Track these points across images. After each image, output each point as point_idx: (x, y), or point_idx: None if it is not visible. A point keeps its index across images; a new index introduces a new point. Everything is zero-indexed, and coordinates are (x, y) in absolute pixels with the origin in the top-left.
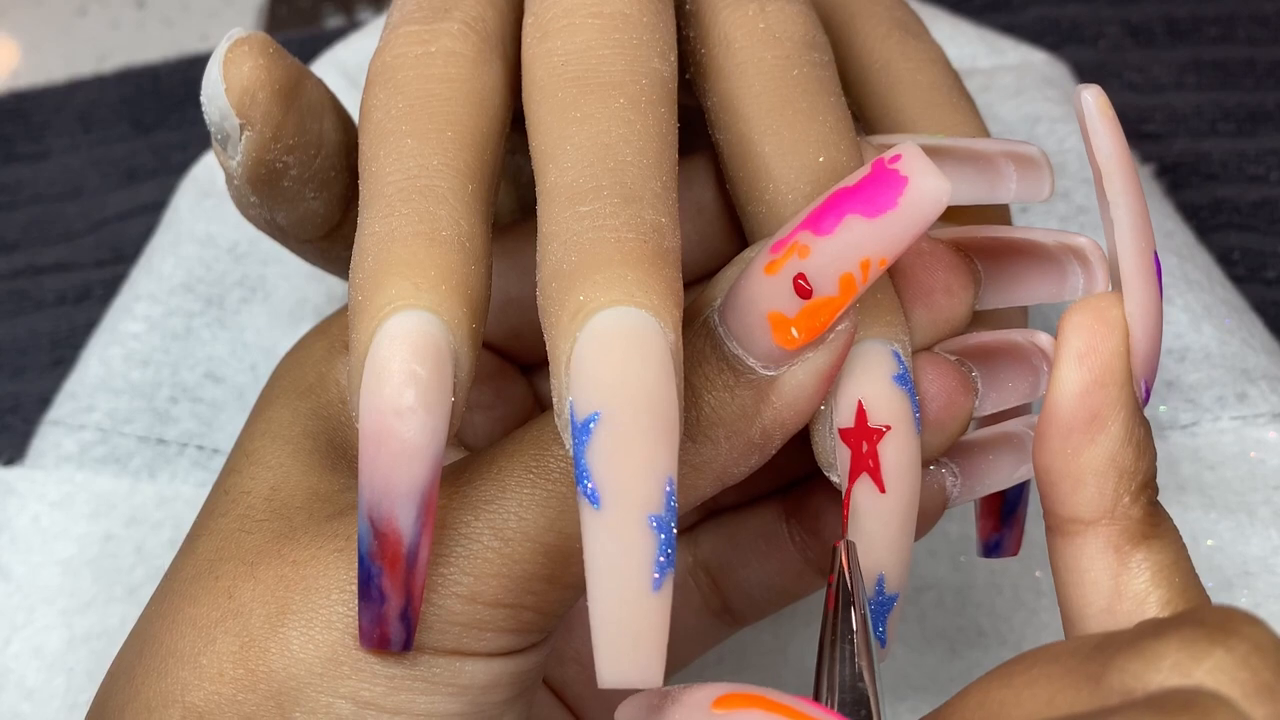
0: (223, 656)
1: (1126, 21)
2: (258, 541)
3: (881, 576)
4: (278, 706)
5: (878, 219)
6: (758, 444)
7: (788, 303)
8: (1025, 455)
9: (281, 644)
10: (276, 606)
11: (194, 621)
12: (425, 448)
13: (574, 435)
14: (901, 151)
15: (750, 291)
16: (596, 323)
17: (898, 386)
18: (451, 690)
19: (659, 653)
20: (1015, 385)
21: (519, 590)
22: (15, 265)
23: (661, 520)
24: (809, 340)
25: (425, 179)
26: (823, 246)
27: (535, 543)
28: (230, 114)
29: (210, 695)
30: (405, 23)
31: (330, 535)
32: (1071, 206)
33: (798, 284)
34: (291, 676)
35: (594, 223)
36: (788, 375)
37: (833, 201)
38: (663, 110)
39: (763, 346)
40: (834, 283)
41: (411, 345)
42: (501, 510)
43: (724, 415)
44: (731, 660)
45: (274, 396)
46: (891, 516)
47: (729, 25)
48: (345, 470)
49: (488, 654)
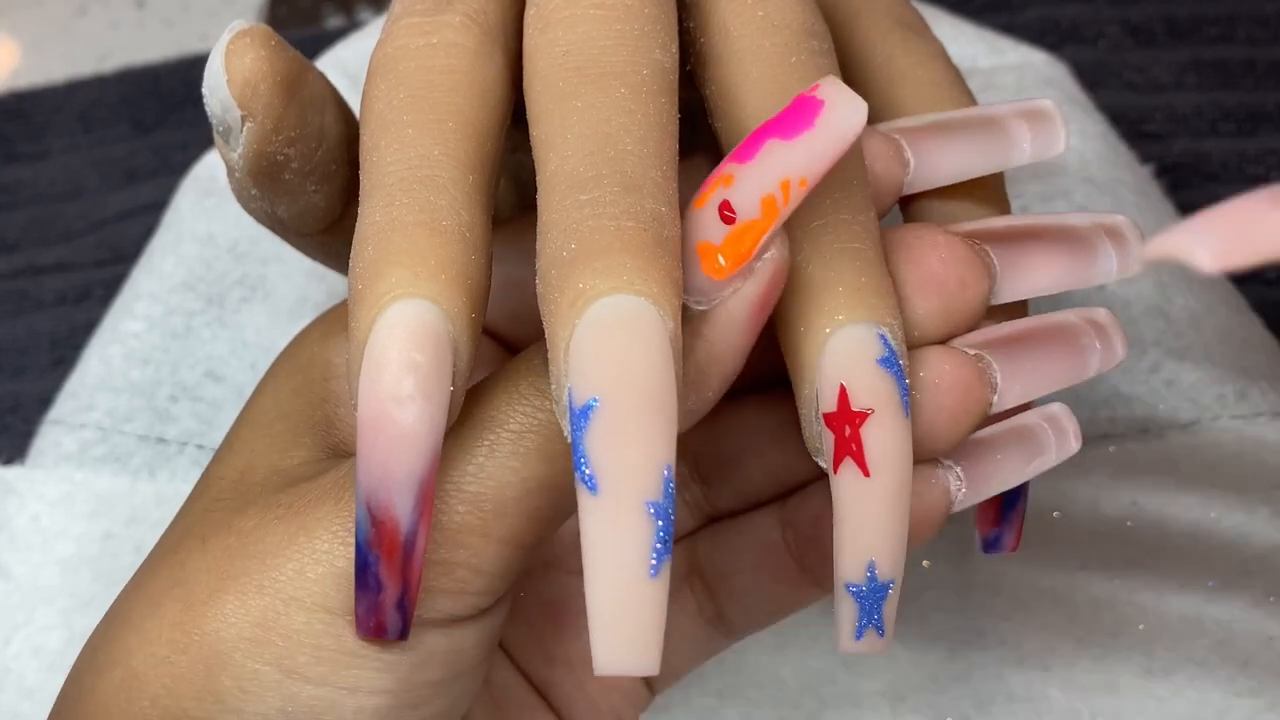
0: (164, 622)
1: (1126, 21)
2: (216, 518)
3: (873, 562)
4: (206, 670)
5: (795, 139)
6: (694, 382)
7: (714, 231)
8: (1036, 450)
9: (217, 609)
10: (219, 574)
11: (148, 592)
12: (423, 436)
13: (572, 422)
14: (820, 81)
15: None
16: (595, 310)
17: (882, 369)
18: (377, 665)
19: (656, 639)
20: (1049, 370)
21: (448, 543)
22: (15, 265)
23: (659, 507)
24: (736, 268)
25: (426, 169)
26: (745, 173)
27: (461, 492)
28: (232, 106)
29: (148, 657)
30: (407, 14)
31: (275, 505)
32: (1071, 206)
33: (723, 212)
34: (222, 640)
35: (594, 211)
36: (718, 306)
37: (756, 133)
38: (663, 100)
39: (694, 279)
40: (756, 205)
41: (411, 333)
42: None
43: None
44: (732, 660)
45: (263, 384)
46: (879, 500)
47: (728, 13)
48: (309, 444)
49: (420, 621)
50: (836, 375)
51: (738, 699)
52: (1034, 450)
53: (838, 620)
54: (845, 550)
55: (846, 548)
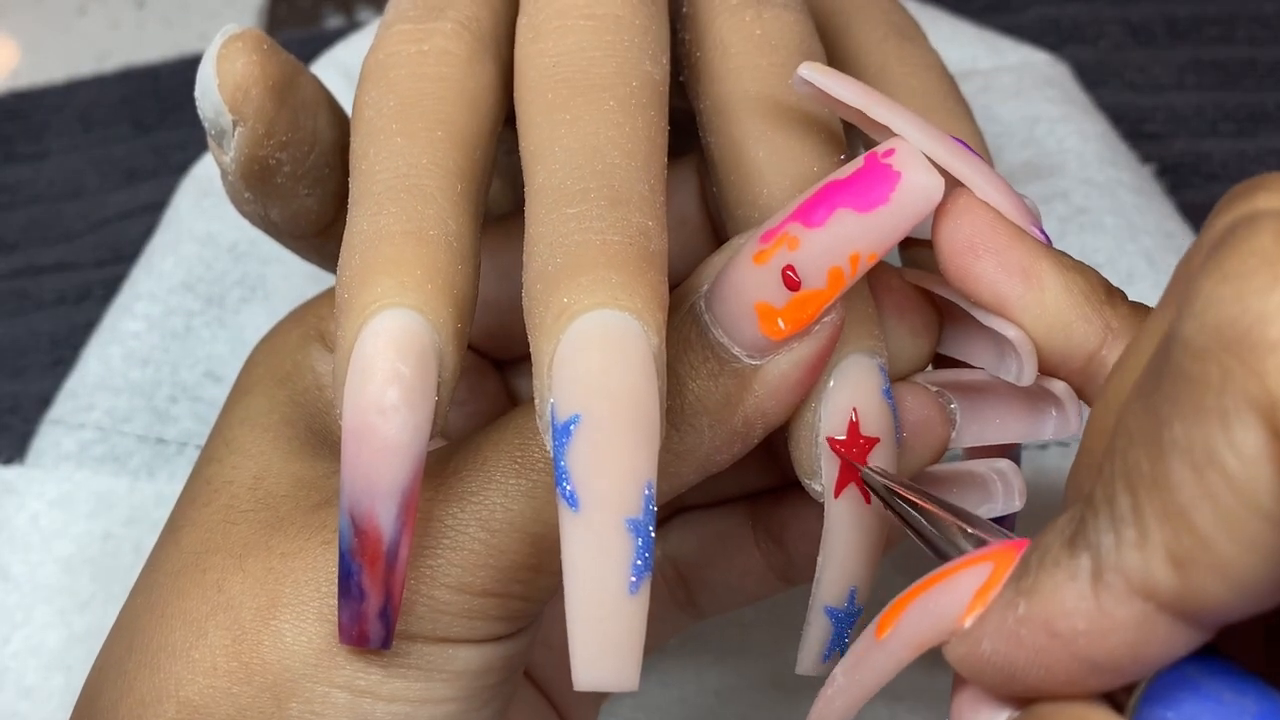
0: (215, 650)
1: (1127, 21)
2: (244, 533)
3: (854, 589)
4: (274, 698)
5: (869, 213)
6: (740, 432)
7: (775, 294)
8: (985, 496)
9: (274, 636)
10: (267, 599)
11: (184, 615)
12: (407, 446)
13: (554, 437)
14: (895, 146)
15: (738, 281)
16: (580, 325)
17: (885, 400)
18: (444, 677)
19: (635, 656)
20: (1005, 422)
21: (506, 579)
22: (15, 265)
23: (639, 524)
24: (795, 331)
25: (414, 178)
26: (813, 239)
27: (521, 533)
28: (223, 109)
29: (205, 689)
30: (399, 21)
31: (318, 526)
32: (1070, 207)
33: (786, 275)
34: (286, 668)
35: (580, 225)
36: (771, 365)
37: (824, 194)
38: (652, 113)
39: (749, 336)
40: (823, 276)
41: (396, 343)
42: (487, 502)
43: (708, 403)
44: (732, 660)
45: (250, 385)
46: (873, 528)
47: (725, 30)
48: (328, 455)
49: (478, 640)
50: (848, 402)
51: (737, 699)
52: (983, 495)
53: (808, 641)
54: (832, 576)
55: (834, 573)
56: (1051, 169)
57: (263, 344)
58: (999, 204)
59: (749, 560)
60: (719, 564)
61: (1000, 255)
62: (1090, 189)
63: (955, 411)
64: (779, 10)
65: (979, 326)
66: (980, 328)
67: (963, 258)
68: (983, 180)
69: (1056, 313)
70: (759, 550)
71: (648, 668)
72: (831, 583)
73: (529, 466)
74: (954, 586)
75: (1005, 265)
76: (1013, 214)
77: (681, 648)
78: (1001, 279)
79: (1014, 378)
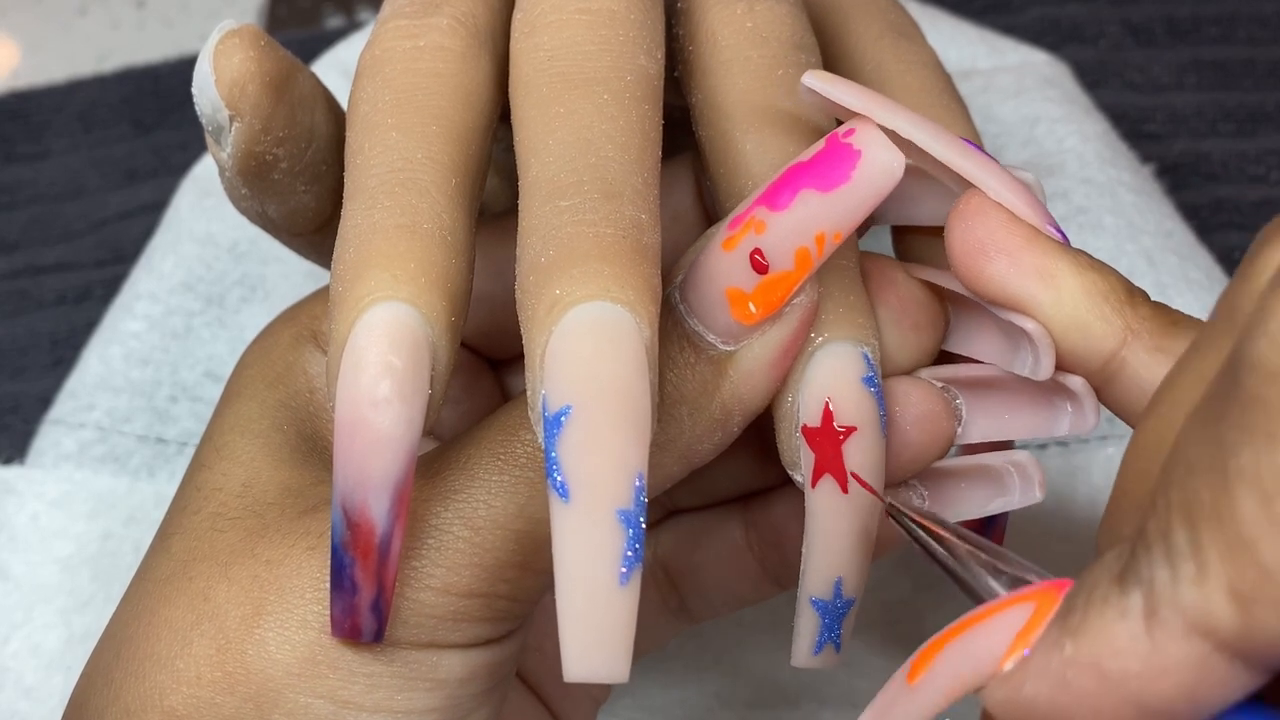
0: (200, 659)
1: (1126, 21)
2: (231, 540)
3: (840, 580)
4: (256, 708)
5: (831, 193)
6: (719, 420)
7: (745, 278)
8: (999, 489)
9: (258, 645)
10: (252, 607)
11: (170, 624)
12: (400, 439)
13: (545, 428)
14: (855, 125)
15: (709, 268)
16: (572, 317)
17: (865, 388)
18: (429, 685)
19: (626, 647)
20: (1013, 419)
21: (492, 579)
22: (15, 265)
23: (630, 515)
24: (766, 315)
25: (409, 172)
26: (778, 222)
27: (505, 530)
28: (220, 105)
29: (188, 699)
30: (395, 17)
31: (302, 533)
32: (1070, 207)
33: (754, 259)
34: (269, 678)
35: (573, 217)
36: (745, 350)
37: (788, 176)
38: (647, 107)
39: (721, 322)
40: (790, 257)
41: (389, 336)
42: (470, 499)
43: (685, 392)
44: (730, 661)
45: (241, 388)
46: (854, 518)
47: (717, 23)
48: (316, 463)
49: (464, 645)
50: (822, 391)
51: (736, 700)
52: (997, 489)
53: (798, 633)
54: (815, 566)
55: (817, 564)
56: (1051, 169)
57: (255, 344)
58: (1012, 204)
59: (742, 563)
60: (711, 567)
61: (1014, 257)
62: (1090, 189)
63: (961, 407)
64: (771, 3)
65: (989, 321)
66: (991, 322)
67: (975, 259)
68: (995, 181)
69: (1074, 312)
70: (752, 553)
71: (647, 669)
72: (814, 573)
73: (512, 462)
74: (993, 628)
75: (1019, 266)
76: (1027, 213)
77: (681, 648)
78: (1015, 280)
79: (1029, 371)
